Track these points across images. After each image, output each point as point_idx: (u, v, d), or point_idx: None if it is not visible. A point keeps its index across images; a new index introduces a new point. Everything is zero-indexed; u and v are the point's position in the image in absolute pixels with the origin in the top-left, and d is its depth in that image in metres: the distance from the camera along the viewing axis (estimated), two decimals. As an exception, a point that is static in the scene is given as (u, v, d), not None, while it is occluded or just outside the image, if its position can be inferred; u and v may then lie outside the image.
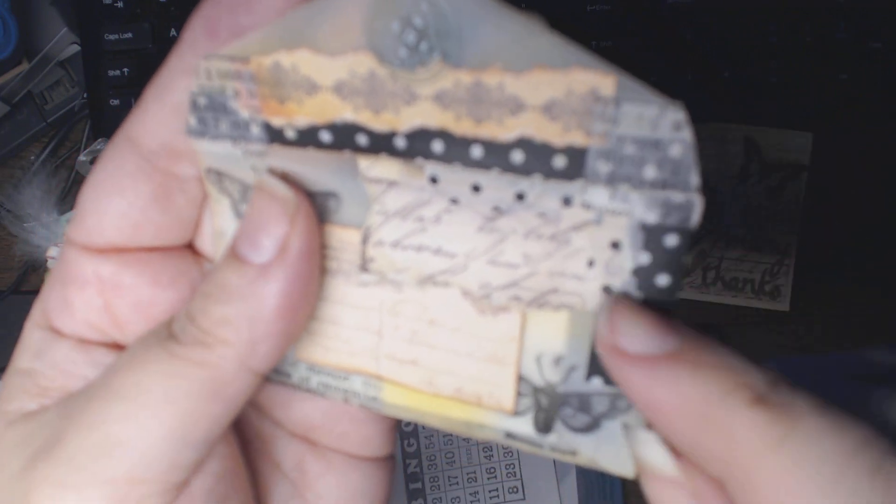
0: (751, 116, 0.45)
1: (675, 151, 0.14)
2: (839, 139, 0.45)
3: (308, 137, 0.17)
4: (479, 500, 0.47)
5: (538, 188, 0.15)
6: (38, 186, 0.46)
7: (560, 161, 0.15)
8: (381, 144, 0.16)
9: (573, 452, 0.17)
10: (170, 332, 0.17)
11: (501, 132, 0.15)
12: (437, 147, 0.16)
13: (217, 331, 0.16)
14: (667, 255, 0.15)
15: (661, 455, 0.16)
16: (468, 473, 0.47)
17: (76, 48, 0.46)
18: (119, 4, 0.44)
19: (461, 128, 0.15)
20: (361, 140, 0.16)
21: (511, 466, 0.47)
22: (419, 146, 0.16)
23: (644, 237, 0.15)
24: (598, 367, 0.16)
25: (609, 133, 0.14)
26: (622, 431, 0.17)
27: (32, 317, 0.19)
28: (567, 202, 0.15)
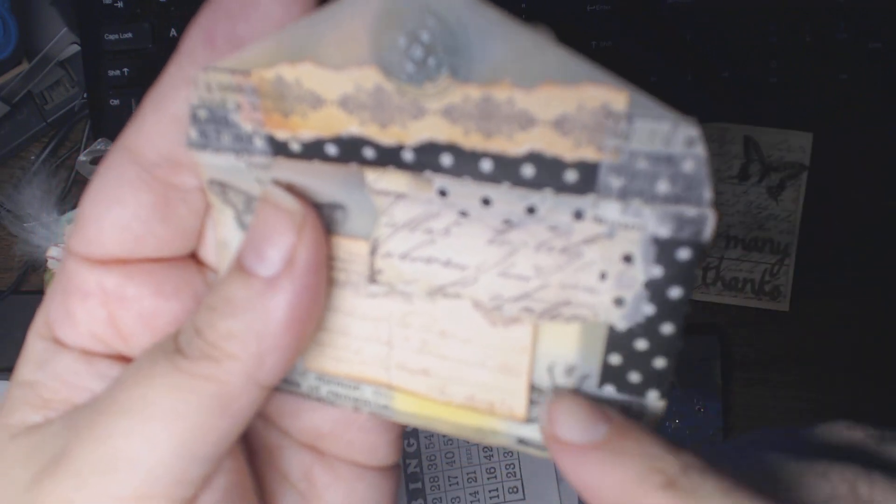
0: (751, 116, 0.45)
1: (688, 167, 0.14)
2: (839, 139, 0.45)
3: (313, 150, 0.17)
4: (479, 500, 0.47)
5: (549, 202, 0.15)
6: (38, 186, 0.46)
7: (571, 175, 0.15)
8: (389, 157, 0.16)
9: None
10: (176, 346, 0.17)
11: (511, 147, 0.15)
12: (446, 160, 0.16)
13: (224, 345, 0.16)
14: (679, 269, 0.15)
15: None
16: (468, 473, 0.47)
17: (76, 48, 0.46)
18: (119, 4, 0.44)
19: (470, 142, 0.15)
20: (368, 153, 0.16)
21: (511, 466, 0.47)
22: (427, 159, 0.16)
23: (656, 251, 0.15)
24: (611, 376, 0.17)
25: (621, 148, 0.14)
26: None
27: (35, 327, 0.19)
28: (579, 216, 0.15)
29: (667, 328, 0.16)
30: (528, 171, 0.15)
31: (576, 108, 0.14)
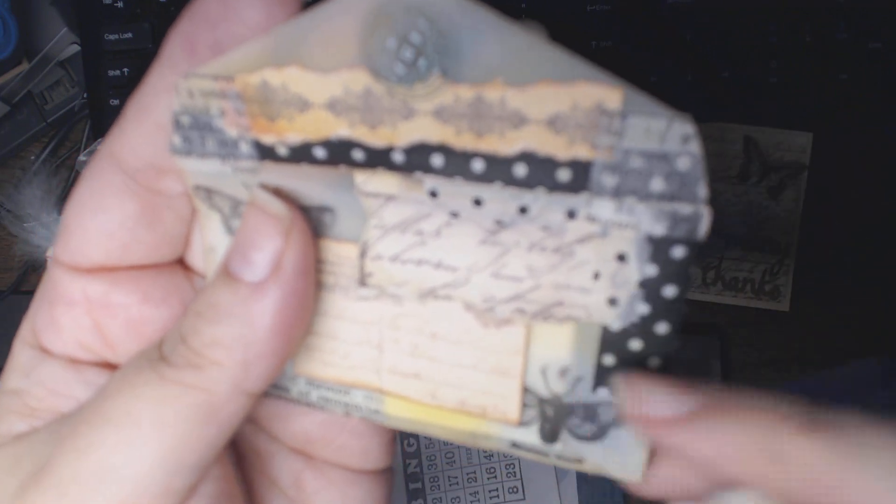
0: (751, 116, 0.45)
1: (683, 164, 0.14)
2: (839, 139, 0.45)
3: (301, 154, 0.16)
4: (479, 500, 0.47)
5: (542, 201, 0.15)
6: (38, 186, 0.46)
7: (564, 174, 0.15)
8: (379, 159, 0.16)
9: (579, 460, 0.17)
10: (161, 354, 0.16)
11: (503, 146, 0.15)
12: (437, 161, 0.16)
13: (209, 352, 0.16)
14: (674, 267, 0.15)
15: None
16: (468, 473, 0.47)
17: (76, 48, 0.46)
18: (119, 4, 0.44)
19: (462, 142, 0.15)
20: (357, 155, 0.16)
21: (511, 466, 0.47)
22: (418, 160, 0.16)
23: (651, 249, 0.15)
24: (605, 378, 0.17)
25: (615, 146, 0.14)
26: (633, 438, 0.17)
27: (21, 335, 0.19)
28: (571, 215, 0.15)
29: (662, 328, 0.16)
30: (521, 171, 0.15)
31: (570, 107, 0.14)
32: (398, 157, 0.16)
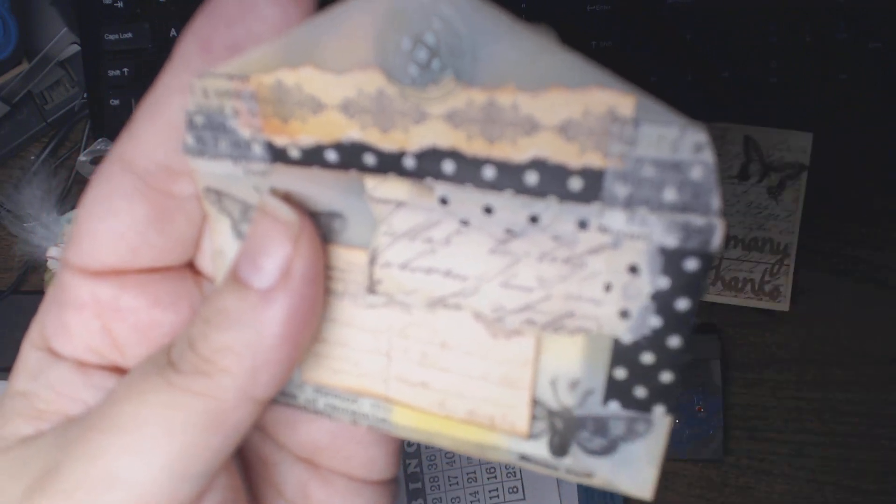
0: (751, 116, 0.45)
1: (696, 174, 0.14)
2: (839, 139, 0.45)
3: (313, 157, 0.16)
4: (479, 500, 0.47)
5: (553, 211, 0.15)
6: (38, 186, 0.46)
7: (576, 183, 0.15)
8: (390, 164, 0.16)
9: (589, 474, 0.17)
10: (169, 360, 0.16)
11: (515, 153, 0.15)
12: (448, 167, 0.15)
13: (217, 359, 0.16)
14: (687, 279, 0.15)
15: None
16: (468, 473, 0.47)
17: (76, 48, 0.46)
18: (119, 4, 0.44)
19: (473, 148, 0.15)
20: (369, 159, 0.16)
21: (511, 467, 0.47)
22: (429, 166, 0.16)
23: (663, 261, 0.15)
24: (616, 392, 0.16)
25: (627, 155, 0.14)
26: (644, 453, 0.16)
27: (29, 337, 0.19)
28: (583, 225, 0.15)
29: (674, 341, 0.15)
30: (532, 179, 0.15)
31: (581, 113, 0.14)
32: (409, 163, 0.16)
